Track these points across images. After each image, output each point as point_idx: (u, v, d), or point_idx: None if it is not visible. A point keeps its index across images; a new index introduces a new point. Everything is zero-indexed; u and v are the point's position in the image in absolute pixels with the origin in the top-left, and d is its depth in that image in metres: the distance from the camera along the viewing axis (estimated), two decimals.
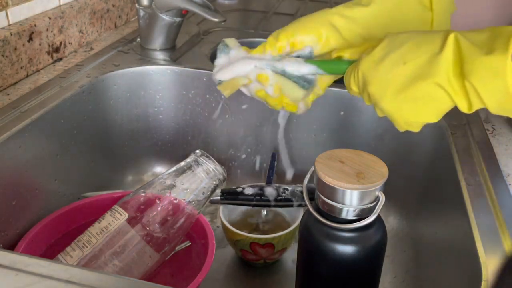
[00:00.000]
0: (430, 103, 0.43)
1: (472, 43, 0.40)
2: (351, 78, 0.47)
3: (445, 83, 0.41)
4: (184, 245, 0.62)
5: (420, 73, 0.42)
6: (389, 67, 0.43)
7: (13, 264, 0.37)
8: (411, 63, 0.42)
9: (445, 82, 0.41)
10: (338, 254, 0.47)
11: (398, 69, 0.43)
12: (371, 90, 0.45)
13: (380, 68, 0.44)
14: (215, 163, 0.57)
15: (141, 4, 0.82)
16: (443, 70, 0.41)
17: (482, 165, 0.58)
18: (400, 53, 0.43)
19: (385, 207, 0.48)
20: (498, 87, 0.39)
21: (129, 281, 0.38)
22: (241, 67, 0.52)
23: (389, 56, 0.43)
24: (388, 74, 0.43)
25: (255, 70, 0.52)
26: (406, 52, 0.43)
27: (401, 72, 0.43)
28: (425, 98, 0.42)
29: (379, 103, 0.45)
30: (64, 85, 0.70)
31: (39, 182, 0.63)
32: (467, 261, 0.47)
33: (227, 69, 0.52)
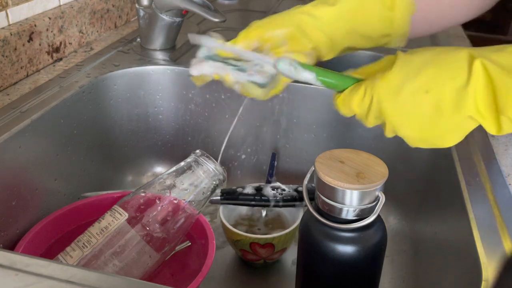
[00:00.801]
0: (459, 132, 0.43)
1: (502, 70, 0.39)
2: (356, 98, 0.46)
3: (477, 116, 0.40)
4: (184, 245, 0.62)
5: (448, 103, 0.41)
6: (411, 97, 0.42)
7: (13, 264, 0.37)
8: (434, 91, 0.41)
9: (477, 114, 0.40)
10: (338, 254, 0.47)
11: (420, 98, 0.42)
12: (391, 120, 0.44)
13: (400, 98, 0.43)
14: (215, 163, 0.57)
15: (141, 4, 0.82)
16: (475, 103, 0.40)
17: (482, 165, 0.58)
18: (420, 81, 0.42)
19: (385, 207, 0.48)
20: None
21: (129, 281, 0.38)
22: (209, 68, 0.55)
23: (409, 84, 0.42)
24: (410, 104, 0.42)
25: (222, 71, 0.54)
26: (428, 80, 0.41)
27: (425, 101, 0.41)
28: (455, 128, 0.42)
29: (401, 131, 0.44)
30: (64, 85, 0.70)
31: (39, 182, 0.63)
32: (467, 261, 0.47)
33: (199, 66, 0.56)
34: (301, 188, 0.67)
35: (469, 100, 0.40)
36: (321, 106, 0.76)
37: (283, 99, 0.78)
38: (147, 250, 0.54)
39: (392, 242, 0.70)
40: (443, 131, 0.43)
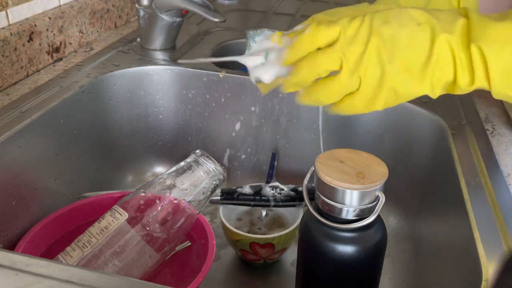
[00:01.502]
0: (435, 72, 0.41)
1: (483, 16, 0.40)
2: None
3: (455, 46, 0.40)
4: (184, 245, 0.62)
5: (433, 31, 0.40)
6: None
7: (13, 264, 0.37)
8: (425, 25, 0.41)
9: (456, 44, 0.40)
10: (338, 254, 0.47)
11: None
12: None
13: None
14: (215, 163, 0.57)
15: (141, 4, 0.82)
16: (456, 30, 0.40)
17: (482, 165, 0.58)
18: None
19: (385, 207, 0.48)
20: (507, 54, 0.38)
21: (129, 281, 0.38)
22: (280, 69, 0.48)
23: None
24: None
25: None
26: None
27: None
28: (431, 62, 0.41)
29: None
30: (64, 85, 0.70)
31: (39, 182, 0.63)
32: (467, 261, 0.47)
33: (266, 69, 0.49)
34: (301, 188, 0.67)
35: (454, 26, 0.41)
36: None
37: (283, 99, 0.78)
38: (147, 250, 0.54)
39: (392, 242, 0.70)
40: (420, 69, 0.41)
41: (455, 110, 0.70)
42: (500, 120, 0.69)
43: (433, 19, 0.41)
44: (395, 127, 0.74)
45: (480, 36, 0.39)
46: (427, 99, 0.72)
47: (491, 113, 0.70)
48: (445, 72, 0.41)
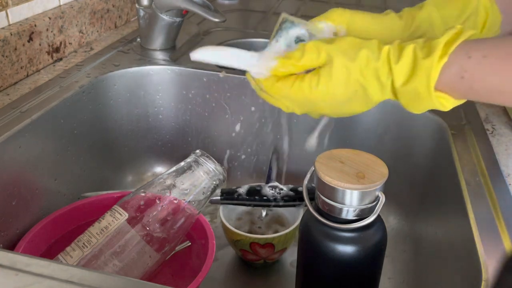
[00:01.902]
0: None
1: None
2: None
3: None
4: (184, 245, 0.62)
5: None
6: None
7: (13, 264, 0.37)
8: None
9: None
10: (338, 254, 0.47)
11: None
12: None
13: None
14: (215, 163, 0.57)
15: (141, 4, 0.82)
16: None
17: (482, 165, 0.58)
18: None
19: (385, 207, 0.48)
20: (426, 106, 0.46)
21: (129, 281, 0.38)
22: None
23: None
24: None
25: None
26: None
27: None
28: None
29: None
30: (64, 85, 0.70)
31: (39, 182, 0.63)
32: (467, 261, 0.47)
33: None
34: (301, 188, 0.67)
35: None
36: None
37: None
38: (147, 250, 0.54)
39: (392, 242, 0.70)
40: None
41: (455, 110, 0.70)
42: (500, 120, 0.69)
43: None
44: (395, 127, 0.74)
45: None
46: None
47: (491, 113, 0.70)
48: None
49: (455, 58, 0.44)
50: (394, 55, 0.46)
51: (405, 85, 0.45)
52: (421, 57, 0.44)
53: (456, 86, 0.44)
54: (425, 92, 0.45)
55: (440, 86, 0.45)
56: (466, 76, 0.43)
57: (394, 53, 0.46)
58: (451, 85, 0.45)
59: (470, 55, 0.43)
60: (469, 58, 0.43)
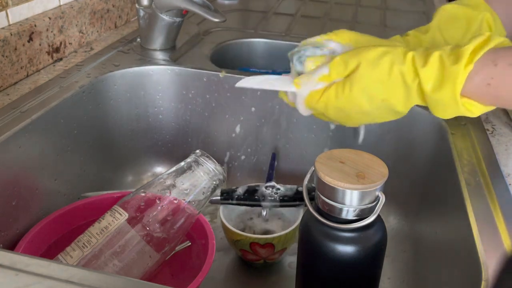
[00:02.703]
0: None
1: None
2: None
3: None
4: (184, 245, 0.62)
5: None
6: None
7: (13, 264, 0.37)
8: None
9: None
10: (338, 254, 0.47)
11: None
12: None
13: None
14: (215, 163, 0.57)
15: (141, 4, 0.82)
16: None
17: (482, 165, 0.58)
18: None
19: (385, 207, 0.48)
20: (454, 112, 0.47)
21: (129, 281, 0.38)
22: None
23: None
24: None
25: None
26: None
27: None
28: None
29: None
30: (64, 85, 0.70)
31: (39, 182, 0.63)
32: (467, 261, 0.47)
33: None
34: (300, 188, 0.67)
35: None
36: None
37: None
38: (147, 250, 0.54)
39: (392, 242, 0.70)
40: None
41: None
42: (500, 120, 0.69)
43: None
44: (395, 127, 0.74)
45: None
46: None
47: (491, 113, 0.70)
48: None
49: (482, 65, 0.44)
50: (420, 59, 0.47)
51: (432, 91, 0.46)
52: (449, 64, 0.45)
53: (483, 93, 0.45)
54: (451, 99, 0.45)
55: (466, 93, 0.45)
56: (492, 83, 0.44)
57: (420, 58, 0.47)
58: (478, 92, 0.45)
59: (496, 62, 0.44)
60: (495, 65, 0.44)
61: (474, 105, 0.46)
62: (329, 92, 0.51)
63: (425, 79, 0.46)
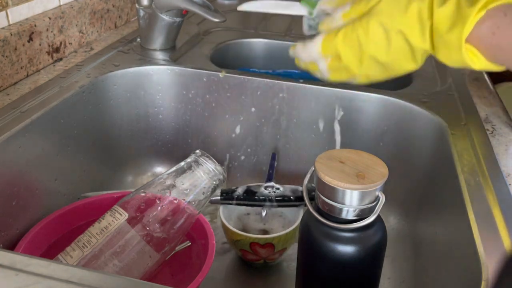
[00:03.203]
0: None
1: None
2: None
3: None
4: (184, 245, 0.62)
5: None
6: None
7: (13, 264, 0.37)
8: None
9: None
10: (338, 254, 0.47)
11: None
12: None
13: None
14: (215, 163, 0.57)
15: (141, 4, 0.82)
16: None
17: (482, 165, 0.58)
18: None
19: (385, 207, 0.48)
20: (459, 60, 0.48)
21: (129, 281, 0.38)
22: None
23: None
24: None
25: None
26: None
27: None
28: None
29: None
30: (64, 85, 0.70)
31: (39, 182, 0.63)
32: (467, 261, 0.47)
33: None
34: (301, 188, 0.67)
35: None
36: (321, 106, 0.76)
37: (283, 99, 0.78)
38: (147, 250, 0.54)
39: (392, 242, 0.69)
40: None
41: (455, 110, 0.70)
42: (500, 120, 0.69)
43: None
44: (395, 127, 0.74)
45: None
46: (427, 99, 0.73)
47: (491, 113, 0.70)
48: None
49: (493, 14, 0.46)
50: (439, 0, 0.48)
51: (443, 30, 0.48)
52: (464, 6, 0.46)
53: (487, 42, 0.46)
54: (457, 40, 0.47)
55: (473, 39, 0.46)
56: (497, 32, 0.45)
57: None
58: (483, 41, 0.46)
59: (506, 13, 0.45)
60: (505, 15, 0.45)
61: (477, 56, 0.47)
62: (347, 27, 0.53)
63: (438, 19, 0.47)
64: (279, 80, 0.77)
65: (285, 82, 0.77)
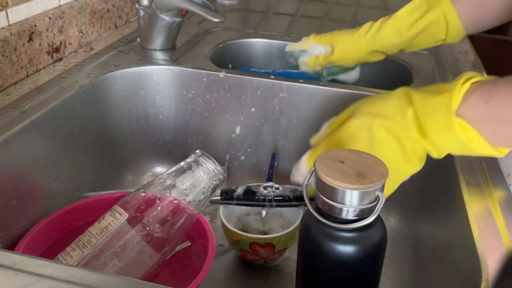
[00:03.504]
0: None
1: (424, 94, 0.49)
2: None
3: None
4: (184, 245, 0.62)
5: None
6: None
7: (13, 264, 0.37)
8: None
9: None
10: (338, 254, 0.47)
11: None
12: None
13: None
14: (215, 163, 0.57)
15: (141, 4, 0.82)
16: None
17: (482, 165, 0.58)
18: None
19: (385, 207, 0.48)
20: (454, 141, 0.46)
21: (129, 281, 0.38)
22: None
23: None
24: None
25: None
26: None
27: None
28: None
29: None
30: (64, 85, 0.70)
31: (39, 182, 0.63)
32: (467, 261, 0.47)
33: None
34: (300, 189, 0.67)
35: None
36: (321, 106, 0.76)
37: (283, 99, 0.78)
38: (147, 250, 0.54)
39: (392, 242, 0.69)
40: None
41: None
42: None
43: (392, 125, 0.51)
44: None
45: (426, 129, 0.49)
46: None
47: None
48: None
49: (479, 84, 0.44)
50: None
51: (428, 110, 0.48)
52: (446, 85, 0.46)
53: (481, 113, 0.44)
54: (445, 110, 0.45)
55: (464, 114, 0.45)
56: (491, 100, 0.43)
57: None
58: (475, 111, 0.45)
59: (495, 83, 0.42)
60: (494, 85, 0.42)
61: (476, 136, 0.45)
62: (329, 135, 0.57)
63: (420, 105, 0.48)
64: (279, 80, 0.77)
65: (285, 82, 0.77)
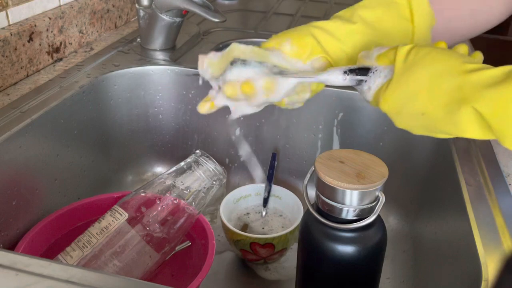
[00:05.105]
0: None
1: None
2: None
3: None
4: (184, 245, 0.62)
5: (440, 124, 0.43)
6: (408, 118, 0.46)
7: (13, 264, 0.37)
8: (428, 115, 0.44)
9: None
10: (338, 254, 0.47)
11: (418, 120, 0.46)
12: (396, 123, 0.48)
13: (401, 118, 0.47)
14: (215, 163, 0.57)
15: (141, 4, 0.82)
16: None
17: (482, 165, 0.58)
18: (416, 106, 0.44)
19: (385, 207, 0.48)
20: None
21: (129, 281, 0.38)
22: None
23: (406, 108, 0.45)
24: (409, 122, 0.47)
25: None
26: (423, 103, 0.44)
27: (421, 122, 0.45)
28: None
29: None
30: (64, 85, 0.70)
31: (39, 182, 0.63)
32: (467, 261, 0.47)
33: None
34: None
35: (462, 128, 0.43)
36: (321, 106, 0.76)
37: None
38: (147, 250, 0.54)
39: (392, 242, 0.70)
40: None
41: None
42: None
43: (434, 110, 0.44)
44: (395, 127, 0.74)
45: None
46: None
47: None
48: None
49: None
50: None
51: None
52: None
53: None
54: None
55: None
56: None
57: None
58: None
59: None
60: None
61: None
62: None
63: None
64: None
65: None
